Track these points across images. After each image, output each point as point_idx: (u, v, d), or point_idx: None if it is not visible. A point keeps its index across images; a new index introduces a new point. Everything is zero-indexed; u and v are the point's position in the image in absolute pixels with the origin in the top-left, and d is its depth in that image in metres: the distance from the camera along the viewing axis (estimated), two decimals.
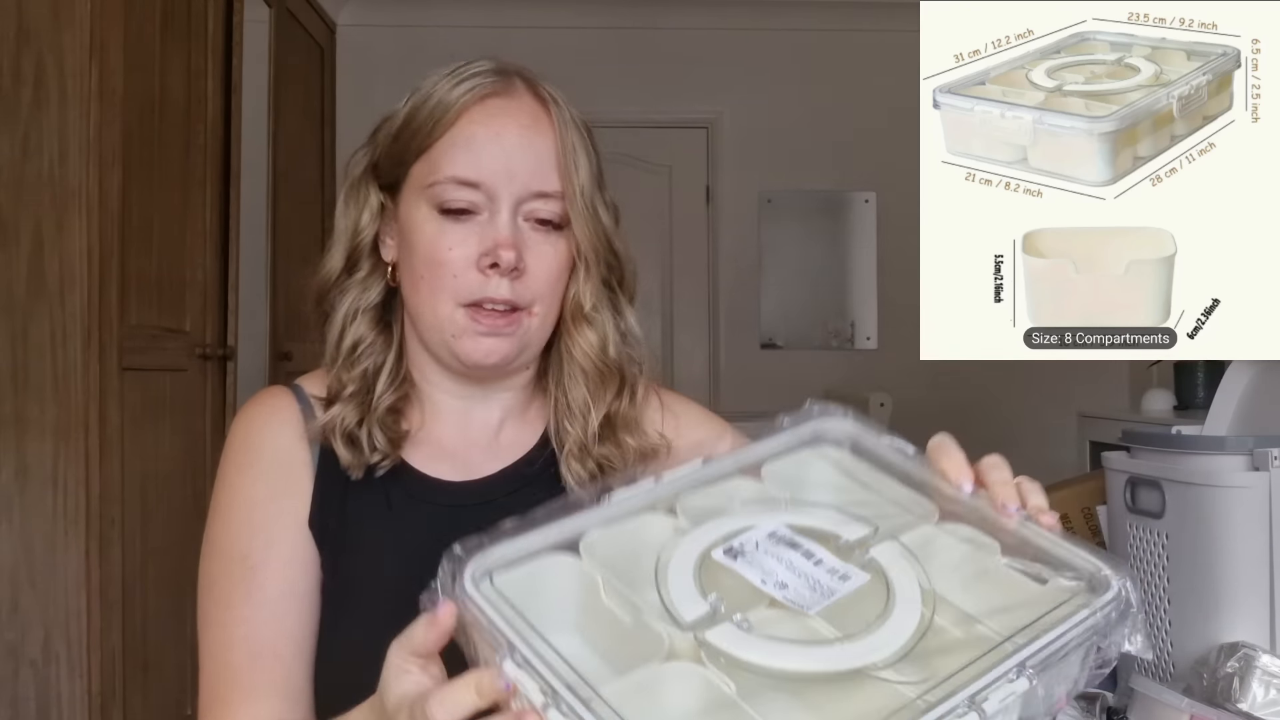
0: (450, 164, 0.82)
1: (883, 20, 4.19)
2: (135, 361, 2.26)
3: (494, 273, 0.82)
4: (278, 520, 0.84)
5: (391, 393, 0.87)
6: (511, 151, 0.82)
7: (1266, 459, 1.05)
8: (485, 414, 0.91)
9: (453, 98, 0.83)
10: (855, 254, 4.21)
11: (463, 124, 0.82)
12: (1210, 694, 1.00)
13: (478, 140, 0.82)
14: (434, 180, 0.83)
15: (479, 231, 0.82)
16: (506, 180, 0.82)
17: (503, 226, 0.82)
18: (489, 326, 0.83)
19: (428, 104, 0.84)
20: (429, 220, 0.83)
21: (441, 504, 0.88)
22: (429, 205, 0.83)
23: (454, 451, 0.90)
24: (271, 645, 0.81)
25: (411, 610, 0.82)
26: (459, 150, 0.82)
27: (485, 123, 0.82)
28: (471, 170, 0.82)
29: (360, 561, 0.84)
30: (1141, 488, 1.18)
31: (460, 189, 0.82)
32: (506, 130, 0.83)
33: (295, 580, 0.83)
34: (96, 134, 2.10)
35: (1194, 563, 1.10)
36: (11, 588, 2.06)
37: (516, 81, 0.85)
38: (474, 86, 0.83)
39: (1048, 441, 4.05)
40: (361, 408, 0.85)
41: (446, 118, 0.82)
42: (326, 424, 0.85)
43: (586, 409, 0.89)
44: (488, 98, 0.83)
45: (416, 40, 4.01)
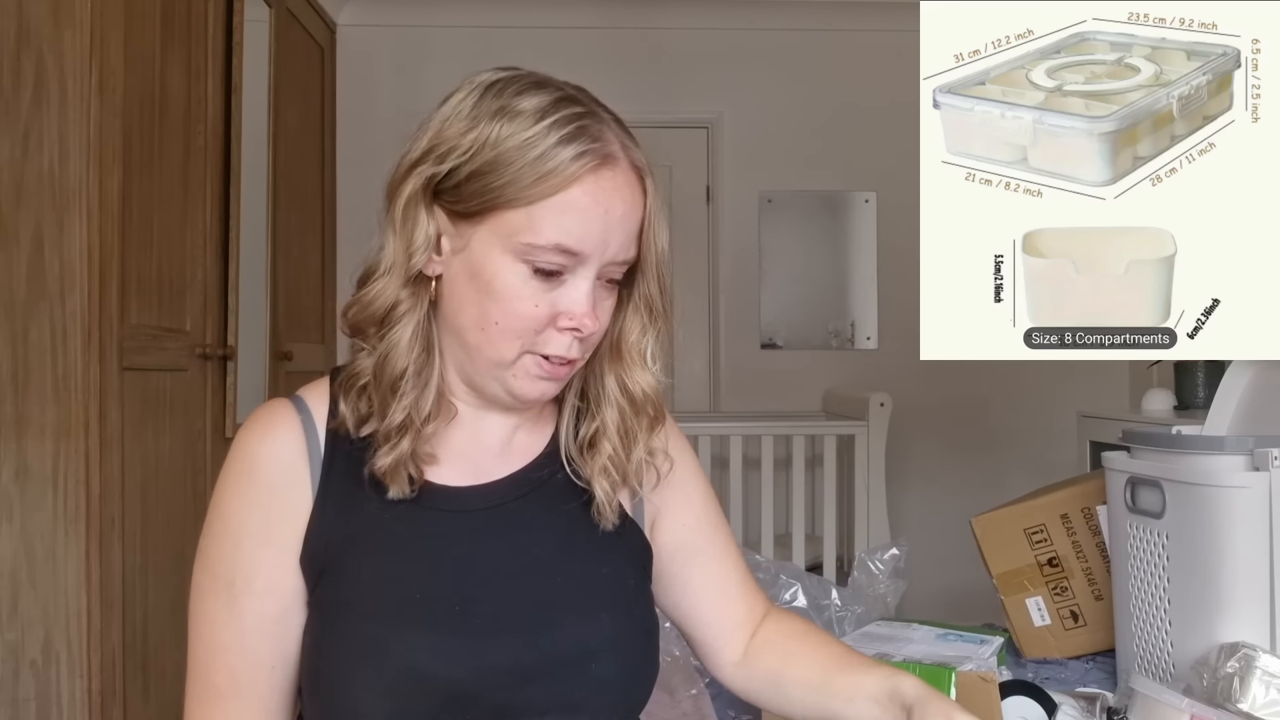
0: (556, 231, 0.81)
1: (883, 20, 4.19)
2: (135, 361, 2.26)
3: (570, 334, 0.84)
4: (263, 550, 0.85)
5: (435, 423, 0.88)
6: (614, 225, 0.83)
7: (1266, 459, 1.05)
8: (500, 422, 0.92)
9: (563, 160, 0.81)
10: (855, 254, 4.21)
11: (575, 194, 0.81)
12: (1210, 694, 1.00)
13: (590, 215, 0.82)
14: (534, 242, 0.81)
15: (563, 293, 0.83)
16: (601, 250, 0.83)
17: (587, 293, 0.84)
18: (551, 373, 0.85)
19: (528, 153, 0.81)
20: (514, 272, 0.82)
21: (449, 510, 0.88)
22: (517, 258, 0.82)
23: (464, 455, 0.90)
24: (249, 674, 0.84)
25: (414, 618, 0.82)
26: (569, 219, 0.81)
27: (597, 197, 0.82)
28: (577, 242, 0.82)
29: (367, 568, 0.84)
30: (1141, 488, 1.18)
31: (559, 255, 0.82)
32: (614, 207, 0.83)
33: (268, 612, 0.84)
34: (96, 134, 2.10)
35: (1194, 563, 1.10)
36: (11, 588, 2.06)
37: (616, 145, 0.84)
38: (585, 153, 0.82)
39: (1048, 441, 4.05)
40: (414, 440, 0.85)
41: (556, 181, 0.81)
42: (394, 461, 0.84)
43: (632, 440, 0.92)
44: (601, 168, 0.82)
45: (416, 40, 4.01)
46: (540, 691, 0.84)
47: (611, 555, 0.92)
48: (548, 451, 0.93)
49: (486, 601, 0.85)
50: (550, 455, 0.93)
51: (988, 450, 4.15)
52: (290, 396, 0.90)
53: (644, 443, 0.93)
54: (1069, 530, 1.41)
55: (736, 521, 3.30)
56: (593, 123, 0.84)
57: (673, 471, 0.96)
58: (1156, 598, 1.16)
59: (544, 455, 0.93)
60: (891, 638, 1.28)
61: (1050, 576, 1.42)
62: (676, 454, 0.98)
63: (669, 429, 0.99)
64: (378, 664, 0.81)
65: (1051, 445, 4.01)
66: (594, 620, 0.88)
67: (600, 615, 0.88)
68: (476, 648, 0.83)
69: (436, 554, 0.86)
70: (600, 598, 0.89)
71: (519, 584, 0.86)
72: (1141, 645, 1.18)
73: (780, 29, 4.18)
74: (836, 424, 3.58)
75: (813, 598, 1.46)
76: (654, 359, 0.91)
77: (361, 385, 0.86)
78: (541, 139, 0.81)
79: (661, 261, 0.89)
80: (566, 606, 0.87)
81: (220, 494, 0.87)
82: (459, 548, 0.87)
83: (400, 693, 0.81)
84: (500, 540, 0.88)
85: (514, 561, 0.87)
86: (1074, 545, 1.41)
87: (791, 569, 1.51)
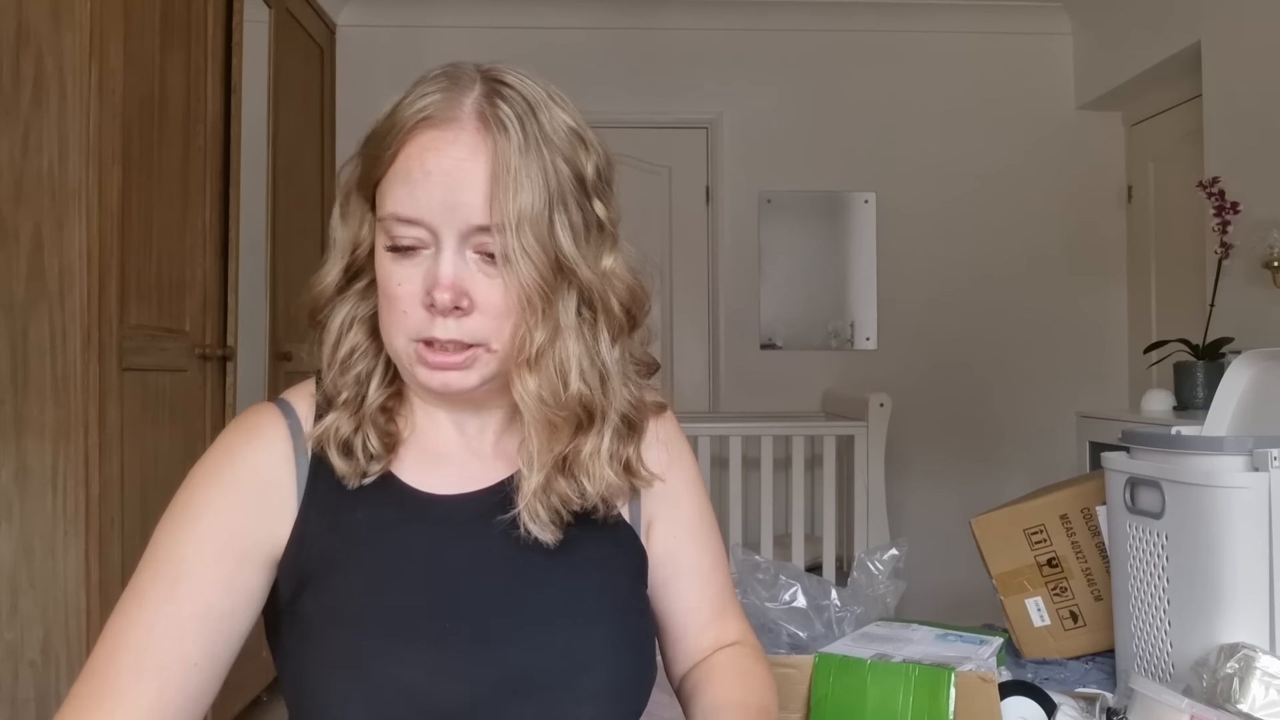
0: (391, 200, 0.79)
1: (883, 20, 4.19)
2: (135, 362, 2.26)
3: (435, 312, 0.79)
4: (224, 537, 0.80)
5: (383, 391, 0.86)
6: (448, 185, 0.77)
7: (1266, 459, 1.05)
8: (481, 427, 0.89)
9: (395, 127, 0.79)
10: (855, 254, 4.21)
11: (402, 158, 0.79)
12: (1210, 694, 1.00)
13: (415, 177, 0.78)
14: (382, 216, 0.80)
15: (425, 268, 0.79)
16: (446, 216, 0.78)
17: (445, 265, 0.78)
18: (438, 364, 0.80)
19: (383, 125, 0.81)
20: (383, 256, 0.81)
21: (436, 518, 0.85)
22: (383, 238, 0.81)
23: (450, 459, 0.87)
24: (161, 661, 0.77)
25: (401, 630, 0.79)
26: (398, 186, 0.79)
27: (420, 157, 0.78)
28: (408, 208, 0.78)
29: (352, 579, 0.82)
30: (1141, 488, 1.18)
31: (403, 226, 0.79)
32: (440, 164, 0.78)
33: (213, 605, 0.79)
34: (96, 134, 2.10)
35: (1194, 563, 1.10)
36: (11, 588, 2.06)
37: (464, 102, 0.79)
38: (416, 115, 0.79)
39: (1048, 441, 4.05)
40: (356, 416, 0.84)
41: (390, 151, 0.79)
42: (323, 433, 0.83)
43: (533, 455, 0.83)
44: (426, 127, 0.78)
45: (416, 40, 4.02)
46: (531, 705, 0.81)
47: (605, 563, 0.89)
48: None
49: (475, 613, 0.82)
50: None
51: (988, 450, 4.15)
52: (276, 401, 0.88)
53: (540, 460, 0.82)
54: (1068, 530, 1.41)
55: (736, 521, 3.30)
56: (446, 89, 0.79)
57: (669, 481, 0.93)
58: (1156, 598, 1.15)
59: None
60: (891, 638, 1.28)
61: (1050, 577, 1.42)
62: (676, 460, 0.95)
63: (672, 433, 0.96)
64: (362, 678, 0.78)
65: (1051, 445, 4.01)
66: (587, 631, 0.85)
67: (593, 626, 0.85)
68: (465, 662, 0.80)
69: (423, 565, 0.83)
70: (593, 607, 0.86)
71: (507, 596, 0.84)
72: (1141, 645, 1.18)
73: (780, 29, 4.18)
74: (836, 424, 3.58)
75: (812, 598, 1.46)
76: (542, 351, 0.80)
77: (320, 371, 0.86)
78: (392, 113, 0.80)
79: (531, 229, 0.77)
80: (558, 617, 0.84)
81: (187, 482, 0.83)
82: (446, 558, 0.84)
83: (387, 708, 0.78)
84: (488, 550, 0.84)
85: (503, 572, 0.84)
86: (1073, 545, 1.41)
87: (791, 569, 1.50)
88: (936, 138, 4.18)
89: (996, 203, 4.20)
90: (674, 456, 0.95)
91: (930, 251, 4.18)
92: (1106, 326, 4.21)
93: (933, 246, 4.18)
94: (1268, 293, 3.02)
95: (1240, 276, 3.12)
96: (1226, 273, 3.12)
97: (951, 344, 4.15)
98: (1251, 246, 3.05)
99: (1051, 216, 4.21)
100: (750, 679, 0.95)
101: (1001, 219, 4.20)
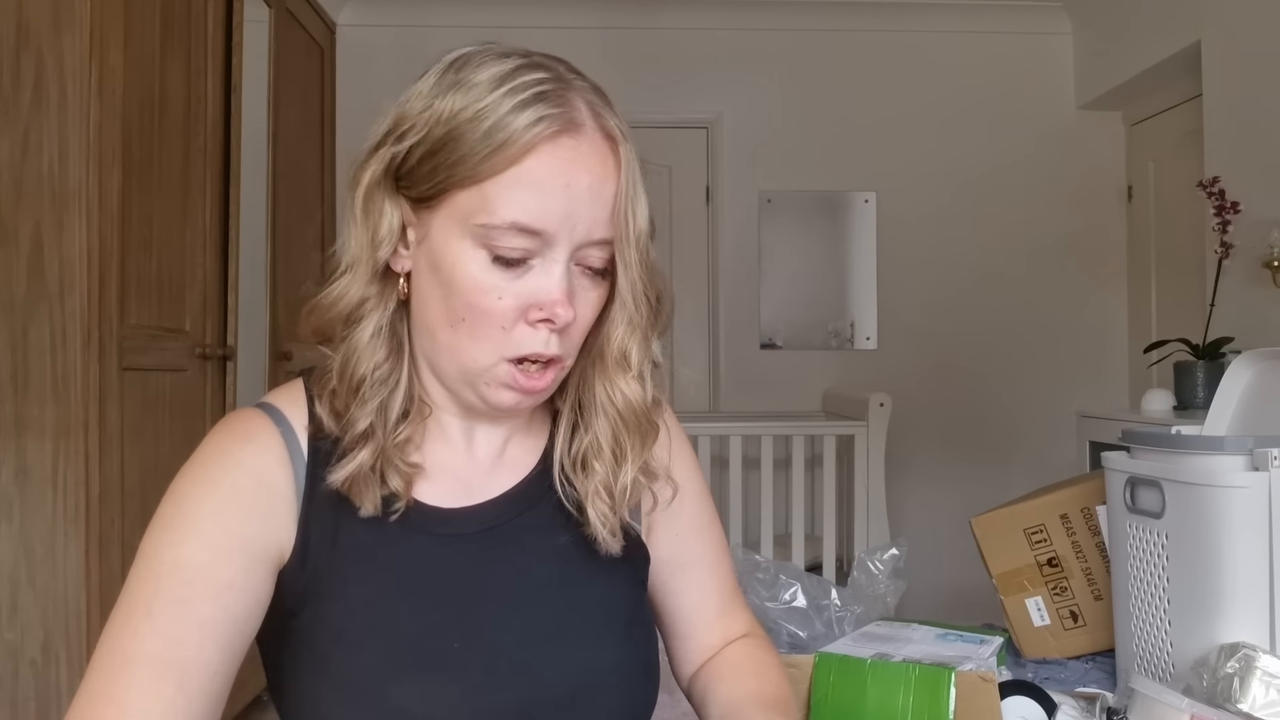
0: (511, 208, 0.73)
1: (883, 20, 4.19)
2: (135, 361, 2.26)
3: (544, 327, 0.75)
4: (231, 538, 0.74)
5: (408, 426, 0.80)
6: (580, 200, 0.74)
7: (1266, 459, 1.05)
8: (490, 435, 0.85)
9: (516, 129, 0.72)
10: (855, 254, 4.21)
11: (530, 165, 0.73)
12: (1210, 694, 1.00)
13: (549, 188, 0.73)
14: (489, 222, 0.73)
15: (531, 281, 0.75)
16: (569, 230, 0.74)
17: (560, 278, 0.74)
18: (529, 388, 0.77)
19: (480, 124, 0.73)
20: (474, 261, 0.74)
21: (441, 533, 0.81)
22: (476, 244, 0.74)
23: (453, 473, 0.83)
24: (182, 670, 0.70)
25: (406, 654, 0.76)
26: (525, 194, 0.73)
27: (556, 169, 0.73)
28: (536, 219, 0.73)
29: (354, 598, 0.77)
30: (1141, 488, 1.18)
31: (519, 236, 0.73)
32: (578, 178, 0.74)
33: (228, 607, 0.72)
34: (96, 134, 2.10)
35: (1194, 563, 1.10)
36: (11, 588, 2.06)
37: (583, 111, 0.75)
38: (541, 120, 0.73)
39: (1048, 441, 4.05)
40: (377, 450, 0.77)
41: (509, 153, 0.72)
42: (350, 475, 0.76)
43: (622, 457, 0.83)
44: (560, 136, 0.73)
45: (416, 40, 4.01)
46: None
47: (612, 574, 0.86)
48: (541, 464, 0.87)
49: (484, 635, 0.78)
50: (544, 469, 0.86)
51: (988, 450, 4.15)
52: (260, 406, 0.81)
53: (635, 462, 0.83)
54: (1069, 530, 1.41)
55: (736, 521, 3.30)
56: (556, 88, 0.75)
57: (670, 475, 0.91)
58: (1156, 598, 1.15)
59: (538, 469, 0.86)
60: (891, 638, 1.27)
61: (1050, 576, 1.42)
62: (675, 453, 0.93)
63: (671, 430, 0.93)
64: (365, 706, 0.75)
65: (1051, 445, 4.01)
66: (599, 648, 0.82)
67: (604, 642, 0.83)
68: (475, 689, 0.76)
69: (429, 583, 0.79)
70: (602, 623, 0.83)
71: (518, 614, 0.80)
72: (1141, 645, 1.18)
73: (780, 29, 4.18)
74: (836, 424, 3.58)
75: (812, 598, 1.46)
76: (640, 364, 0.81)
77: (333, 389, 0.79)
78: (494, 109, 0.73)
79: (642, 243, 0.77)
80: (571, 635, 0.81)
81: (183, 493, 0.77)
82: (453, 576, 0.80)
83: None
84: (496, 566, 0.81)
85: (513, 589, 0.81)
86: (1074, 545, 1.41)
87: (791, 569, 1.50)
88: (937, 138, 4.18)
89: (997, 202, 4.20)
90: (674, 450, 0.93)
91: (930, 251, 4.18)
92: (1106, 326, 4.21)
93: (933, 246, 4.18)
94: (1268, 292, 3.02)
95: (1240, 276, 3.12)
96: (1226, 272, 3.12)
97: (952, 344, 4.15)
98: (1251, 246, 3.05)
99: (1052, 216, 4.21)
100: (765, 669, 0.93)
101: (1001, 219, 4.20)
